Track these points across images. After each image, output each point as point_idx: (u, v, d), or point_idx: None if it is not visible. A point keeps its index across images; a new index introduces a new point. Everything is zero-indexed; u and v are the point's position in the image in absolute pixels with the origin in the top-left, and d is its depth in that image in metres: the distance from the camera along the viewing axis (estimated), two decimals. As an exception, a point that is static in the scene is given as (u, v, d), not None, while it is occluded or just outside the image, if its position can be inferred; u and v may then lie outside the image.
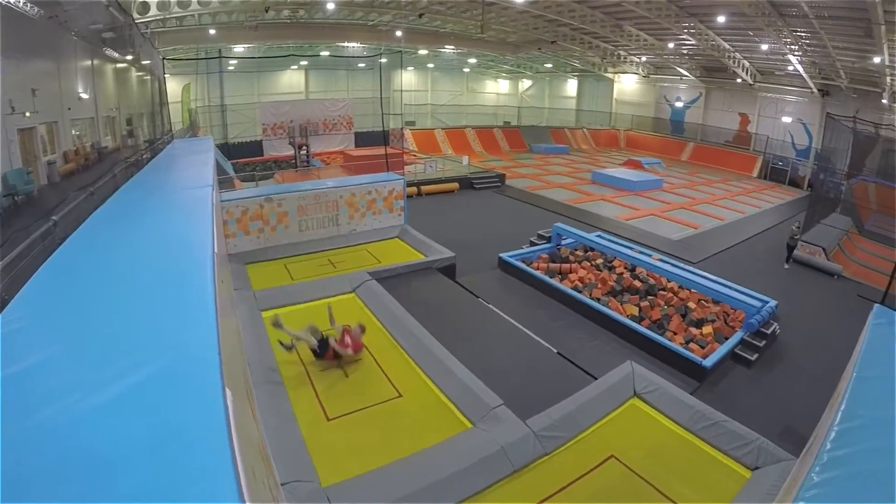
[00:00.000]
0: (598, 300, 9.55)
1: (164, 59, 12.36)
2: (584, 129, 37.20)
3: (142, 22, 14.59)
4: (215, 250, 2.54)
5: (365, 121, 28.52)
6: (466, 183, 21.35)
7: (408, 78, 36.19)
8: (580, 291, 9.93)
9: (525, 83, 41.88)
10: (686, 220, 17.51)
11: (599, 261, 11.45)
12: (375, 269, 9.71)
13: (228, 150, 24.58)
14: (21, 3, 9.90)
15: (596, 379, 6.32)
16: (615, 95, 37.47)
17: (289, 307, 8.40)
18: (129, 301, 1.98)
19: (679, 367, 7.63)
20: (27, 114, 11.00)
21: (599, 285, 10.22)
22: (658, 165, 27.97)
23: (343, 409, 5.73)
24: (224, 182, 17.31)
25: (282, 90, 30.20)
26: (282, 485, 4.20)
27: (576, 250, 12.18)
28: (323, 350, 6.51)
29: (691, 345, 8.16)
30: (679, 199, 20.91)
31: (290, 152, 23.55)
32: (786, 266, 13.14)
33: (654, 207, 19.17)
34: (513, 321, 8.70)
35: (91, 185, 5.91)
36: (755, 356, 8.20)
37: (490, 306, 9.31)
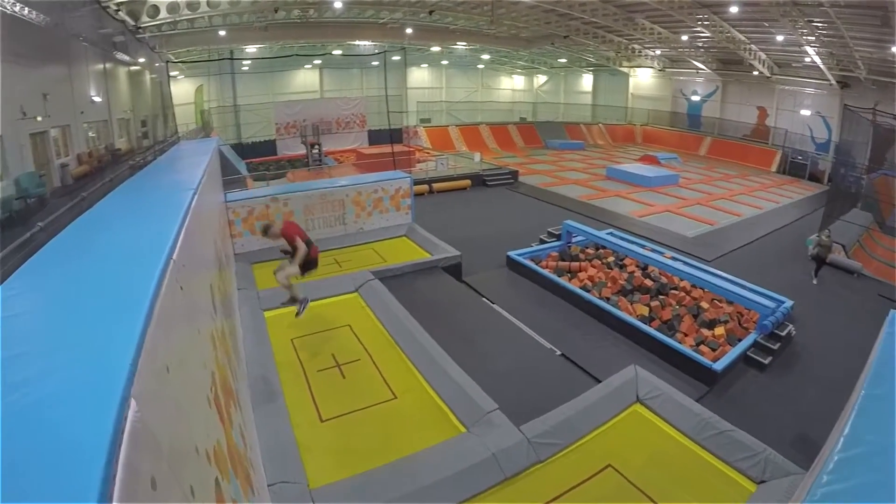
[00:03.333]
0: (608, 300, 9.33)
1: (168, 62, 12.53)
2: (600, 125, 36.71)
3: (152, 25, 14.78)
4: (174, 257, 2.45)
5: (380, 119, 28.45)
6: (479, 180, 21.17)
7: (422, 75, 36.08)
8: (589, 291, 9.71)
9: (540, 79, 41.46)
10: (702, 217, 17.11)
11: (610, 259, 11.20)
12: (379, 269, 9.65)
13: (242, 149, 24.79)
14: (25, 11, 9.99)
15: (599, 382, 6.17)
16: (631, 90, 36.83)
17: (288, 307, 8.40)
18: (59, 307, 1.93)
19: (688, 371, 7.37)
20: (39, 118, 11.16)
21: (609, 284, 9.99)
22: (675, 161, 27.43)
23: (337, 410, 5.68)
24: (236, 182, 17.46)
25: (296, 89, 30.32)
26: (269, 486, 4.15)
27: (586, 248, 11.95)
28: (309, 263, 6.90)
29: (702, 347, 7.89)
30: (695, 194, 20.46)
31: (304, 151, 23.66)
32: (813, 282, 11.77)
33: (670, 203, 18.78)
34: (517, 321, 8.55)
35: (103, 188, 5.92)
36: (769, 359, 7.89)
37: (494, 306, 9.16)
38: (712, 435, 4.85)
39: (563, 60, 36.40)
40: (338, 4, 18.92)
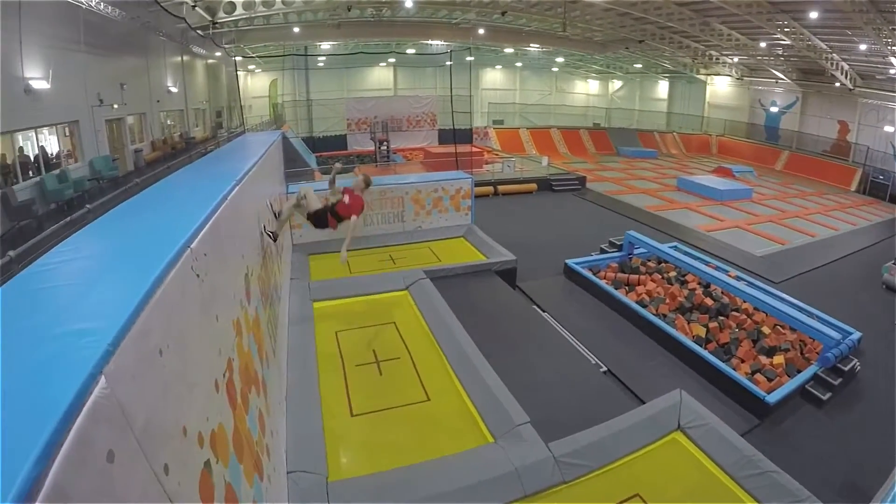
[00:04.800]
0: (664, 317, 8.85)
1: (236, 57, 13.28)
2: (675, 133, 35.37)
3: (229, 20, 15.72)
4: (192, 246, 2.54)
5: (455, 118, 28.74)
6: (545, 184, 20.96)
7: (496, 76, 36.00)
8: (645, 306, 9.27)
9: (615, 84, 40.23)
10: (773, 235, 16.04)
11: (672, 274, 10.64)
12: (431, 268, 9.64)
13: (314, 143, 25.79)
14: (101, 7, 10.87)
15: (644, 403, 5.84)
16: (707, 98, 35.23)
17: (338, 300, 8.59)
18: (65, 286, 2.09)
19: (739, 400, 6.87)
20: (115, 106, 12.14)
21: (668, 300, 9.48)
22: (750, 174, 26.03)
23: (369, 406, 5.71)
24: (304, 174, 18.16)
25: (371, 86, 31.17)
26: (288, 473, 4.25)
27: (648, 261, 11.41)
28: (321, 220, 6.46)
29: (757, 376, 7.30)
30: (768, 211, 19.30)
31: (373, 147, 24.24)
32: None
33: (741, 219, 17.81)
34: (565, 332, 8.29)
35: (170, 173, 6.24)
36: (828, 395, 7.23)
37: (544, 314, 8.93)
38: (753, 474, 4.44)
39: (639, 66, 35.18)
40: (409, 4, 19.16)
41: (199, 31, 15.28)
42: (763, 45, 24.54)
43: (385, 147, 23.19)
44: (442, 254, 10.98)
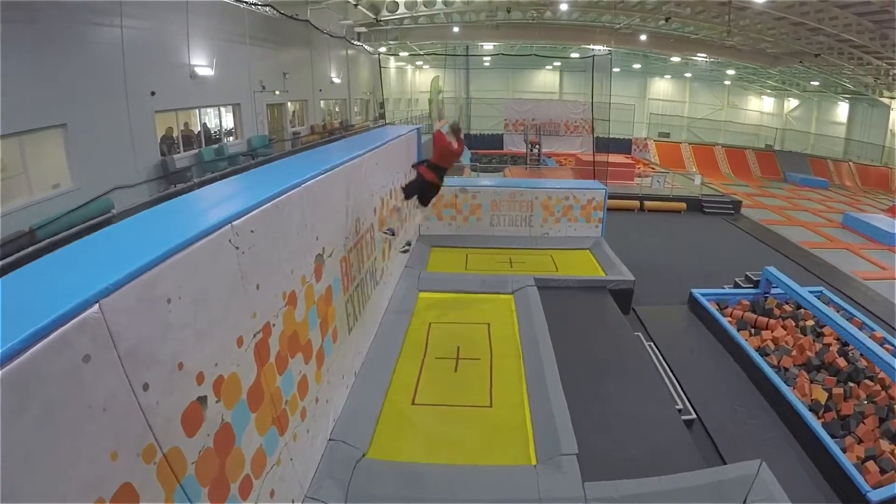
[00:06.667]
0: (785, 371, 7.58)
1: (379, 54, 14.28)
2: (850, 163, 30.00)
3: (393, 18, 17.00)
4: (234, 223, 2.98)
5: (613, 126, 27.52)
6: (695, 204, 19.47)
7: (664, 86, 33.52)
8: (767, 354, 8.01)
9: (791, 102, 34.72)
10: (945, 296, 12.63)
11: (809, 323, 8.99)
12: (543, 277, 9.49)
13: (471, 140, 26.61)
14: (262, 7, 12.52)
15: (724, 464, 5.12)
16: (891, 126, 28.43)
17: (442, 293, 8.89)
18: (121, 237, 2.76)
19: (837, 489, 5.63)
20: (276, 92, 13.90)
21: (794, 353, 8.07)
22: (933, 219, 20.79)
23: (431, 399, 5.90)
24: (454, 170, 18.94)
25: (535, 89, 31.16)
26: (329, 440, 4.63)
27: (786, 303, 9.79)
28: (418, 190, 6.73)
29: (869, 463, 5.81)
30: (947, 265, 15.28)
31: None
32: None
33: (910, 271, 14.44)
34: (664, 367, 7.60)
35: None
36: None
37: (648, 344, 8.23)
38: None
39: (816, 83, 29.88)
40: (563, 6, 18.76)
41: (362, 29, 16.97)
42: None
43: (536, 150, 23.07)
44: (561, 264, 10.72)
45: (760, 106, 36.08)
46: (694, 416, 6.48)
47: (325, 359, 4.67)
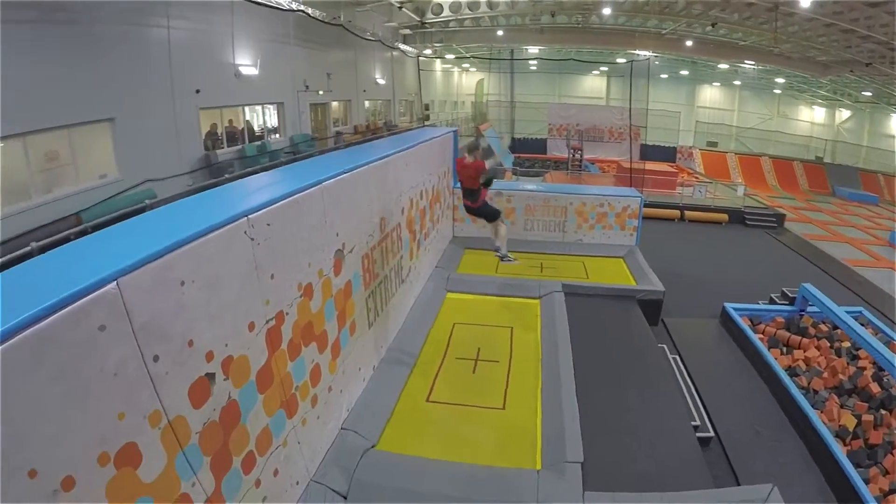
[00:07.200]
0: (815, 393, 7.26)
1: (419, 56, 14.43)
2: None
3: (438, 21, 17.13)
4: (250, 216, 3.21)
5: (657, 133, 26.89)
6: (737, 216, 19.00)
7: (713, 94, 32.39)
8: (797, 375, 7.69)
9: (843, 114, 32.76)
10: None
11: (845, 344, 8.55)
12: (572, 283, 9.45)
13: (514, 143, 26.57)
14: (309, 10, 12.89)
15: (738, 486, 4.99)
16: None
17: (470, 295, 8.99)
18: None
19: None
20: (320, 92, 14.26)
21: (826, 375, 7.71)
22: None
23: (447, 397, 6.01)
24: (496, 173, 19.03)
25: (582, 93, 30.79)
26: (341, 428, 4.82)
27: (822, 322, 9.34)
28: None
29: (892, 497, 5.50)
30: None
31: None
32: None
33: (959, 297, 13.51)
34: (687, 382, 7.42)
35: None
36: None
37: (672, 356, 8.05)
38: None
39: (869, 94, 28.07)
40: (606, 10, 18.48)
41: (407, 31, 17.21)
42: None
43: (578, 155, 22.82)
44: (592, 271, 10.62)
45: (812, 116, 34.33)
46: (712, 433, 6.32)
47: (342, 350, 4.87)
